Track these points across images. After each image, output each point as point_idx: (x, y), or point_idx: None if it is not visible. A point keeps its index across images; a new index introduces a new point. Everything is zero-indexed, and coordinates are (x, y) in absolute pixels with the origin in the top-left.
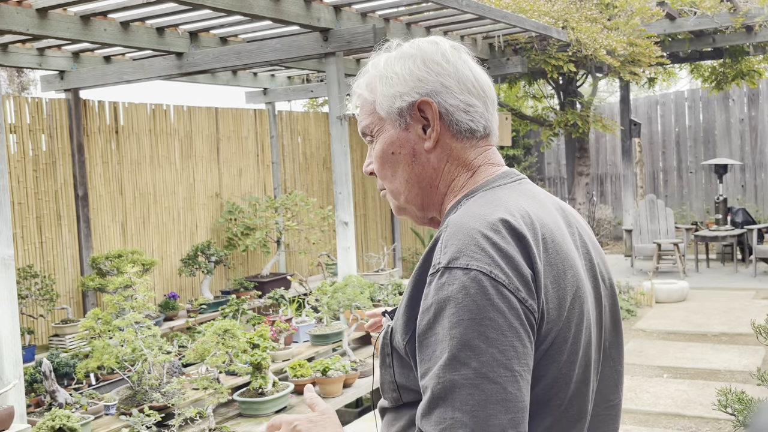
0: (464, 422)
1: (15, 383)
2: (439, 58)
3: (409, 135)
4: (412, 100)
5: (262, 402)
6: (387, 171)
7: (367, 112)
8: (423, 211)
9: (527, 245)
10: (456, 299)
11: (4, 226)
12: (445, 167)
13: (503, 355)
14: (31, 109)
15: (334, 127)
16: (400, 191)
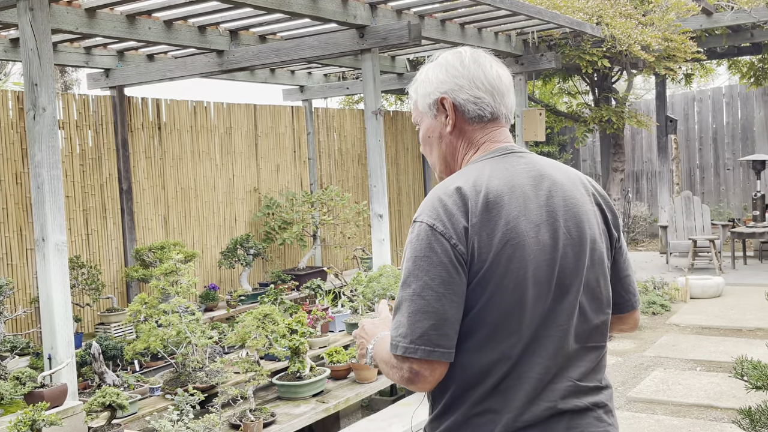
0: (404, 323)
1: (68, 362)
2: (458, 64)
3: (436, 123)
4: (436, 97)
5: (300, 385)
6: (426, 150)
7: (414, 108)
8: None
9: (467, 204)
10: (411, 242)
11: (57, 213)
12: (459, 145)
13: (432, 281)
14: (78, 106)
15: (369, 122)
16: (435, 164)
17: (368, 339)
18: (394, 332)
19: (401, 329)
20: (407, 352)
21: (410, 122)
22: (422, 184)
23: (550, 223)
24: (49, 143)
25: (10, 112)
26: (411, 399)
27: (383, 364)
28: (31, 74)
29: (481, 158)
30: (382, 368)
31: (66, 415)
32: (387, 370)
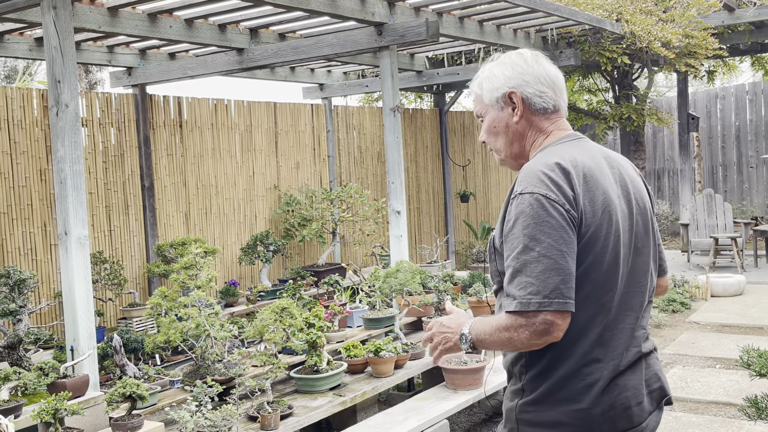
0: (533, 283)
1: (89, 353)
2: (522, 63)
3: (503, 114)
4: (504, 91)
5: (317, 379)
6: (491, 138)
7: (478, 102)
8: (516, 161)
9: (570, 177)
10: (524, 212)
11: (80, 208)
12: (528, 132)
13: (556, 242)
14: (101, 104)
15: (387, 119)
16: (500, 149)
17: (454, 329)
18: (521, 292)
19: (530, 288)
20: (542, 306)
21: (430, 120)
22: (441, 182)
23: (625, 195)
24: (71, 139)
25: (35, 109)
26: (428, 393)
27: (498, 332)
28: (55, 71)
29: (558, 141)
30: (496, 338)
31: (87, 405)
32: (506, 335)
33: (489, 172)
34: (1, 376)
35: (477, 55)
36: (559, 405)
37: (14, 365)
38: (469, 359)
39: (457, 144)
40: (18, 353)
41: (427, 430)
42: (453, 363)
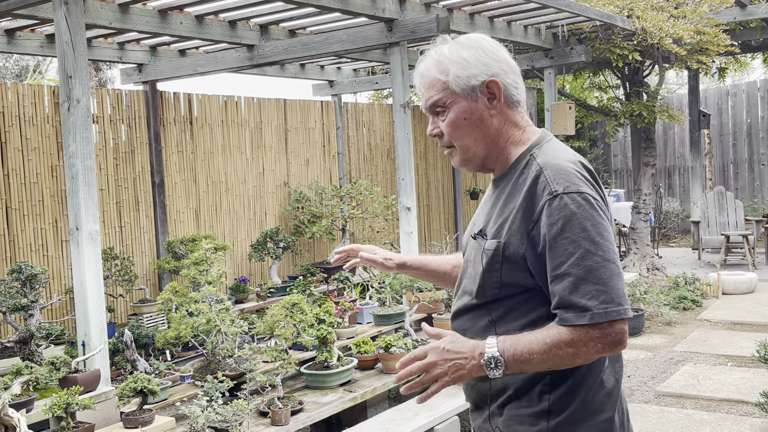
0: (604, 291)
1: (101, 348)
2: (493, 48)
3: (478, 105)
4: (483, 79)
5: (328, 375)
6: (459, 132)
7: (439, 89)
8: (483, 161)
9: (595, 177)
10: (578, 213)
11: (91, 203)
12: (503, 128)
13: (612, 245)
14: (111, 101)
15: (397, 115)
16: (469, 146)
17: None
18: (592, 301)
19: (602, 296)
20: (618, 315)
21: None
22: (451, 180)
23: None
24: (83, 134)
25: (46, 106)
26: None
27: (556, 350)
28: (66, 67)
29: (547, 139)
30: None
31: (99, 400)
32: (569, 352)
33: None
34: (13, 371)
35: None
36: (590, 419)
37: (26, 360)
38: None
39: None
40: (30, 348)
41: (437, 426)
42: None
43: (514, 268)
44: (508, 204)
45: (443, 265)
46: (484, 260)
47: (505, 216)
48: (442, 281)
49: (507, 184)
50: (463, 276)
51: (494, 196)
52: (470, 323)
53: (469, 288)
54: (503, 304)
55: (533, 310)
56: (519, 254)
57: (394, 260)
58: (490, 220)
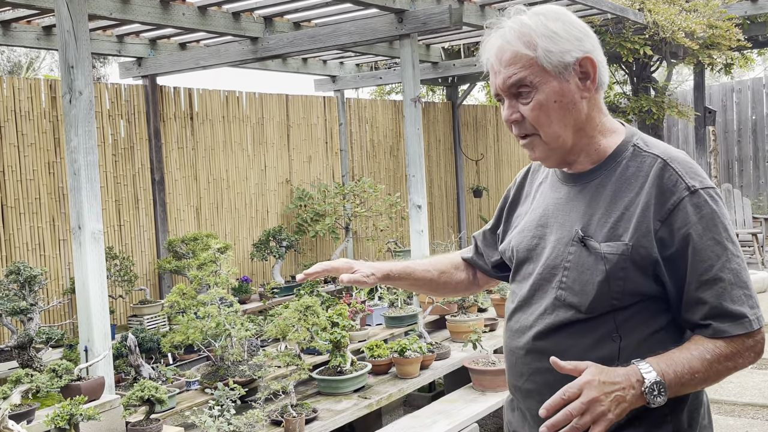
0: (751, 296)
1: (105, 354)
2: (580, 21)
3: (570, 86)
4: (577, 56)
5: (341, 380)
6: (547, 117)
7: (525, 66)
8: (568, 153)
9: None
10: (718, 212)
11: (94, 200)
12: (593, 113)
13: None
14: (110, 95)
15: (407, 110)
16: (558, 134)
17: (623, 383)
18: (745, 307)
19: (750, 301)
20: (764, 320)
21: (443, 114)
22: (454, 177)
23: None
24: (85, 128)
25: (42, 100)
26: (455, 396)
27: (717, 365)
28: (68, 56)
29: (634, 130)
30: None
31: (104, 409)
32: (728, 365)
33: (501, 167)
34: (13, 379)
35: None
36: None
37: (25, 366)
38: (498, 360)
39: (469, 138)
40: (29, 353)
41: None
42: (480, 363)
43: (640, 274)
44: (616, 201)
45: (429, 271)
46: (606, 266)
47: (618, 214)
48: (428, 289)
49: (605, 178)
50: (538, 287)
51: (581, 192)
52: (572, 341)
53: (574, 300)
54: (620, 316)
55: (652, 321)
56: (650, 258)
57: (377, 274)
58: (591, 221)
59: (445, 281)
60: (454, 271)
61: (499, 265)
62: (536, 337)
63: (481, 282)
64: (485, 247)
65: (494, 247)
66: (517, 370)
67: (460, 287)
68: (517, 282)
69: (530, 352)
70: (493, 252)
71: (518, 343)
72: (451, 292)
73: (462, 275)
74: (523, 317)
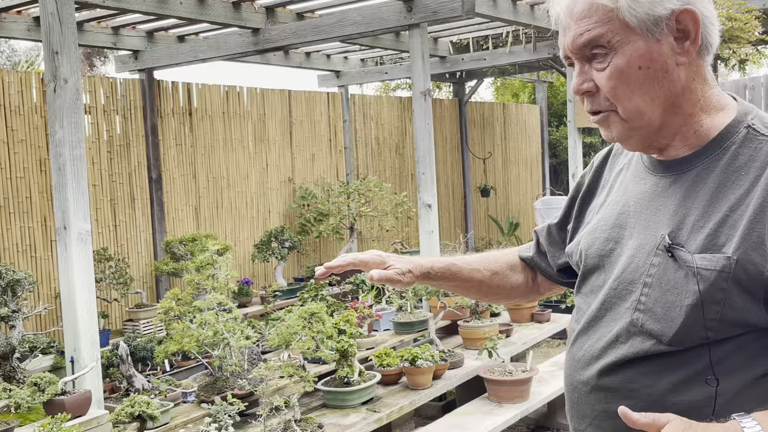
0: None
1: (92, 366)
2: None
3: (661, 48)
4: (674, 7)
5: (349, 392)
6: (627, 87)
7: (602, 20)
8: (656, 135)
9: None
10: None
11: (81, 198)
12: (693, 85)
13: None
14: (105, 90)
15: (417, 104)
16: (641, 110)
17: None
18: None
19: None
20: None
21: (449, 111)
22: (461, 176)
23: None
24: (71, 119)
25: (33, 95)
26: (470, 408)
27: None
28: (51, 41)
29: (751, 106)
30: None
31: (90, 427)
32: None
33: (509, 166)
34: None
35: (505, 40)
36: None
37: (7, 378)
38: (515, 369)
39: (477, 136)
40: (11, 364)
41: None
42: (497, 373)
43: (747, 297)
44: (719, 199)
45: (479, 270)
46: (699, 286)
47: (720, 217)
48: (477, 293)
49: (706, 168)
50: (609, 306)
51: (672, 186)
52: (649, 381)
53: (654, 327)
54: (717, 352)
55: (760, 361)
56: (761, 278)
57: (414, 272)
58: (683, 224)
59: (498, 284)
60: (510, 273)
61: (567, 269)
62: (604, 371)
63: (543, 288)
64: (550, 245)
65: (561, 246)
66: (580, 411)
67: (515, 292)
68: (583, 295)
69: (596, 390)
70: (559, 252)
71: (581, 376)
72: (504, 297)
73: (519, 278)
74: (588, 343)
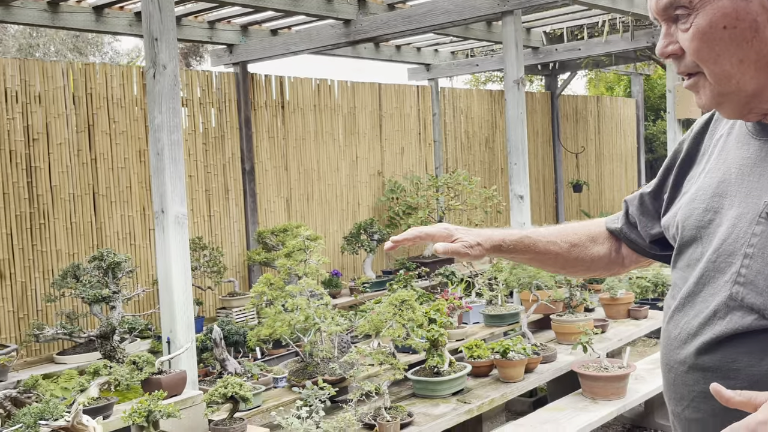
0: None
1: (187, 346)
2: None
3: (750, 5)
4: None
5: (439, 382)
6: (713, 50)
7: None
8: (752, 100)
9: None
10: None
11: (178, 182)
12: None
13: None
14: (201, 83)
15: (510, 93)
16: (729, 74)
17: None
18: None
19: None
20: None
21: (541, 104)
22: (552, 170)
23: None
24: (169, 104)
25: (134, 88)
26: (563, 403)
27: None
28: (151, 28)
29: None
30: None
31: (185, 406)
32: None
33: (603, 161)
34: (91, 371)
35: (600, 29)
36: None
37: (107, 357)
38: (611, 364)
39: (569, 130)
40: (111, 343)
41: None
42: (591, 368)
43: None
44: None
45: (556, 243)
46: None
47: None
48: (553, 265)
49: None
50: (707, 280)
51: None
52: (753, 358)
53: (756, 300)
54: None
55: None
56: None
57: (484, 245)
58: None
59: (576, 257)
60: (590, 245)
61: (660, 240)
62: (702, 350)
63: (627, 261)
64: (641, 215)
65: (655, 216)
66: (677, 392)
67: (596, 265)
68: (679, 269)
69: (693, 370)
70: (652, 222)
71: (678, 355)
72: (584, 270)
73: (601, 250)
74: (684, 320)
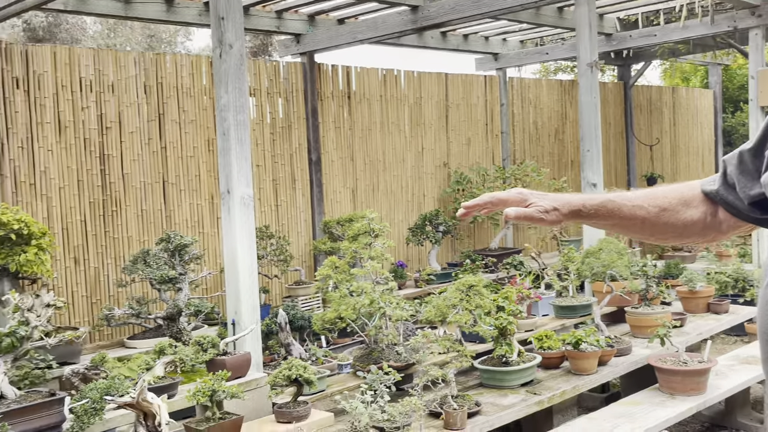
0: None
1: (252, 328)
2: None
3: None
4: None
5: (508, 372)
6: None
7: None
8: None
9: None
10: None
11: (243, 163)
12: None
13: None
14: (268, 73)
15: (583, 78)
16: None
17: None
18: None
19: None
20: None
21: (613, 94)
22: (625, 163)
23: None
24: (236, 84)
25: (203, 77)
26: (639, 397)
27: None
28: (218, 8)
29: None
30: None
31: (248, 388)
32: None
33: (678, 154)
34: (157, 350)
35: (678, 14)
36: None
37: (174, 339)
38: (690, 359)
39: (643, 122)
40: (178, 325)
41: None
42: (669, 362)
43: None
44: None
45: (643, 207)
46: None
47: None
48: (640, 231)
49: None
50: None
51: None
52: None
53: None
54: None
55: None
56: None
57: (561, 210)
58: None
59: (666, 222)
60: (682, 209)
61: (760, 202)
62: None
63: (725, 226)
64: (741, 174)
65: (755, 175)
66: None
67: (690, 230)
68: None
69: None
70: (752, 182)
71: None
72: (675, 237)
73: (695, 214)
74: None
